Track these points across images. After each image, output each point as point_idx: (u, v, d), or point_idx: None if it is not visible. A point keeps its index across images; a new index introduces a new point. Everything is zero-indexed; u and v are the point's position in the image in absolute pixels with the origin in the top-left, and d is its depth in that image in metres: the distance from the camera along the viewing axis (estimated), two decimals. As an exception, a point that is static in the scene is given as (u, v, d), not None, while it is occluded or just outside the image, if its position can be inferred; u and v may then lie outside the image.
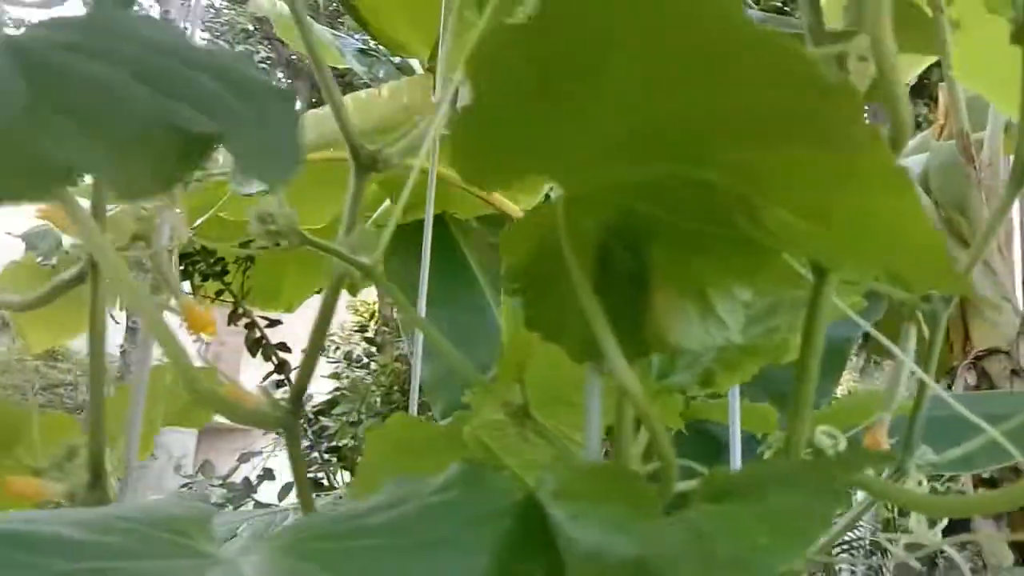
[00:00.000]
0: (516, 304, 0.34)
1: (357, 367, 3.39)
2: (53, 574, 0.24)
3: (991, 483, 1.72)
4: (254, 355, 2.85)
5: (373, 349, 3.75)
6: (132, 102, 0.21)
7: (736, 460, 0.49)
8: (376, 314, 4.32)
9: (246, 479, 2.48)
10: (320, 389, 2.95)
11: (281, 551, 0.28)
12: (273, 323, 2.84)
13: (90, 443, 0.41)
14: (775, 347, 0.38)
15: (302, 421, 2.68)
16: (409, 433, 0.48)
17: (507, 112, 0.27)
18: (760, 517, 0.22)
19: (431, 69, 2.31)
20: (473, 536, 0.28)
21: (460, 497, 0.30)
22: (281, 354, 2.73)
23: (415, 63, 2.69)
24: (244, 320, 2.56)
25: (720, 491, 0.29)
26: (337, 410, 2.53)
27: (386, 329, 3.91)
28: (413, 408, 0.67)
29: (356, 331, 3.90)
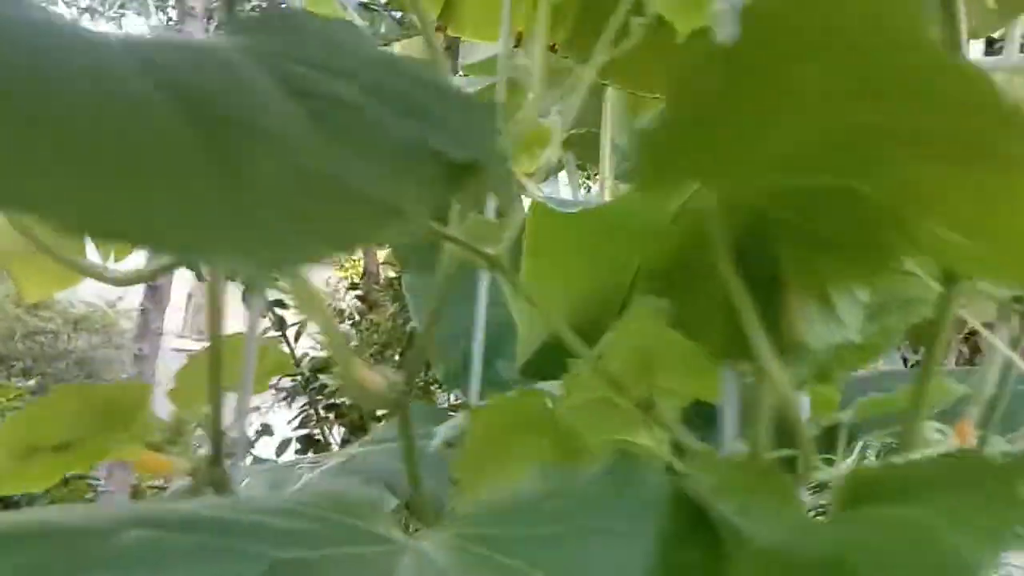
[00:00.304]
0: (658, 304, 0.35)
1: (350, 324, 3.40)
2: (273, 562, 0.25)
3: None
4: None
5: (364, 306, 3.75)
6: (388, 126, 0.22)
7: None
8: (363, 272, 4.32)
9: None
10: (316, 345, 2.95)
11: (459, 538, 0.29)
12: (270, 279, 2.83)
13: (211, 419, 0.42)
14: (884, 344, 0.40)
15: (299, 378, 2.69)
16: (505, 413, 0.49)
17: (695, 124, 0.29)
18: (953, 520, 0.24)
19: (441, 28, 2.30)
20: (635, 526, 0.30)
21: (616, 488, 0.31)
22: (278, 311, 2.73)
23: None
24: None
25: (871, 491, 0.30)
26: (336, 368, 2.54)
27: (376, 287, 3.91)
28: (475, 386, 0.68)
29: (348, 288, 3.90)
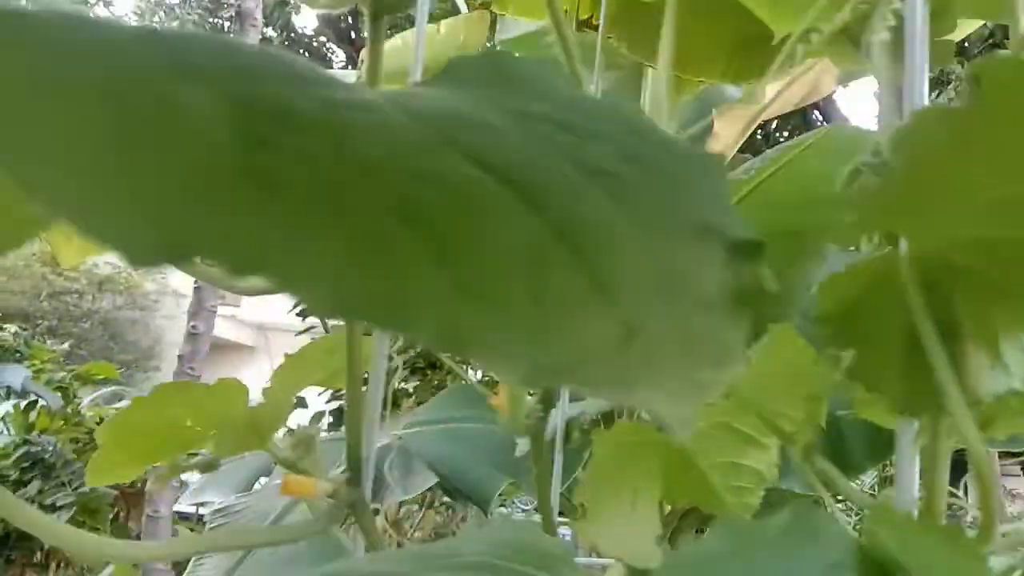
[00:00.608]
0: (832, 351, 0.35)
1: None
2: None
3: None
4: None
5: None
6: (664, 201, 0.21)
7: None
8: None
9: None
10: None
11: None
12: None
13: (348, 437, 0.42)
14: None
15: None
16: (625, 437, 0.49)
17: (915, 178, 0.28)
18: None
19: (484, 5, 2.27)
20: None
21: (804, 544, 0.31)
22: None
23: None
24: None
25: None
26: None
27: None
28: (564, 410, 0.67)
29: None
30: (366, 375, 0.51)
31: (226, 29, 10.18)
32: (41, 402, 3.86)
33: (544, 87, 0.27)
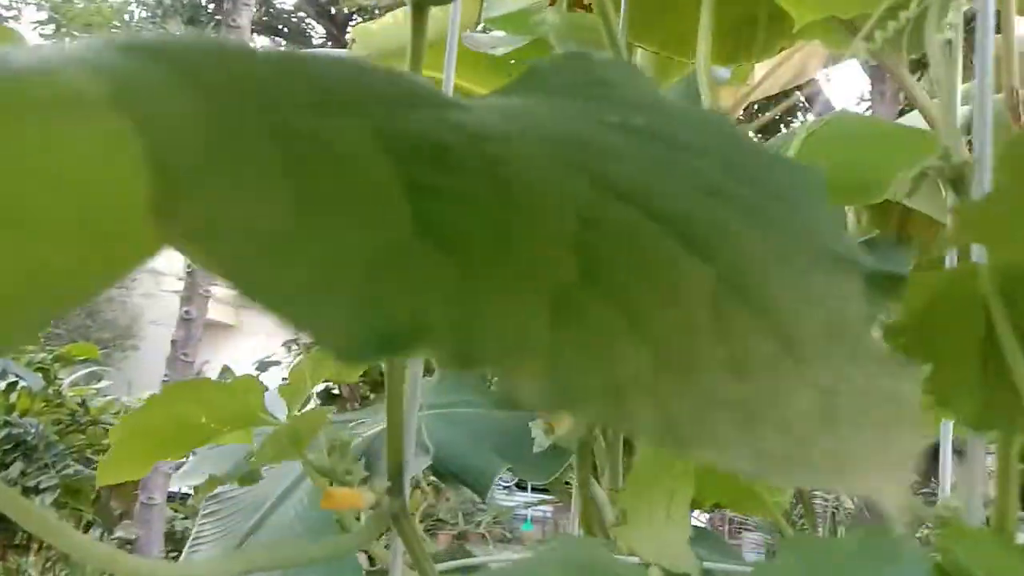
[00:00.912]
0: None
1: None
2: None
3: None
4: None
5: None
6: (785, 226, 0.20)
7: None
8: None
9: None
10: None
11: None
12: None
13: (389, 447, 0.41)
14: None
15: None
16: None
17: (1006, 189, 0.27)
18: None
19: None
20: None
21: (883, 564, 0.30)
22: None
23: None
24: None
25: None
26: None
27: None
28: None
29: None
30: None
31: (204, 2, 9.98)
32: (22, 383, 3.81)
33: (633, 93, 0.25)
